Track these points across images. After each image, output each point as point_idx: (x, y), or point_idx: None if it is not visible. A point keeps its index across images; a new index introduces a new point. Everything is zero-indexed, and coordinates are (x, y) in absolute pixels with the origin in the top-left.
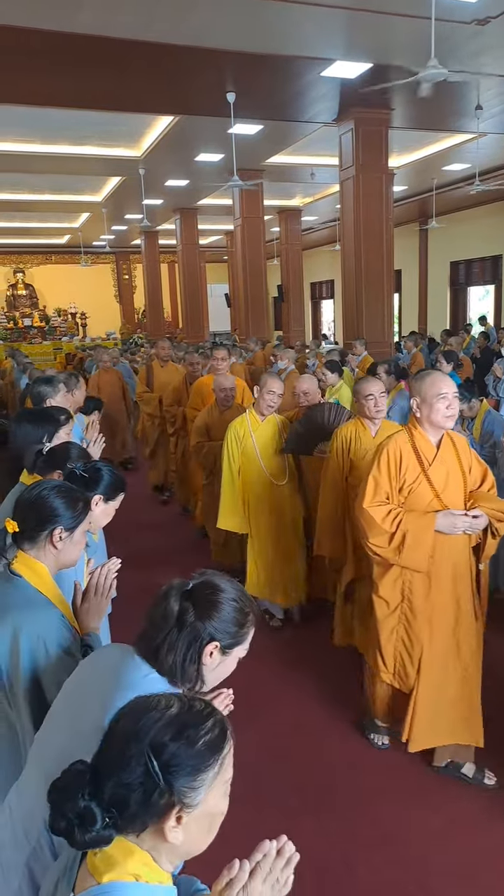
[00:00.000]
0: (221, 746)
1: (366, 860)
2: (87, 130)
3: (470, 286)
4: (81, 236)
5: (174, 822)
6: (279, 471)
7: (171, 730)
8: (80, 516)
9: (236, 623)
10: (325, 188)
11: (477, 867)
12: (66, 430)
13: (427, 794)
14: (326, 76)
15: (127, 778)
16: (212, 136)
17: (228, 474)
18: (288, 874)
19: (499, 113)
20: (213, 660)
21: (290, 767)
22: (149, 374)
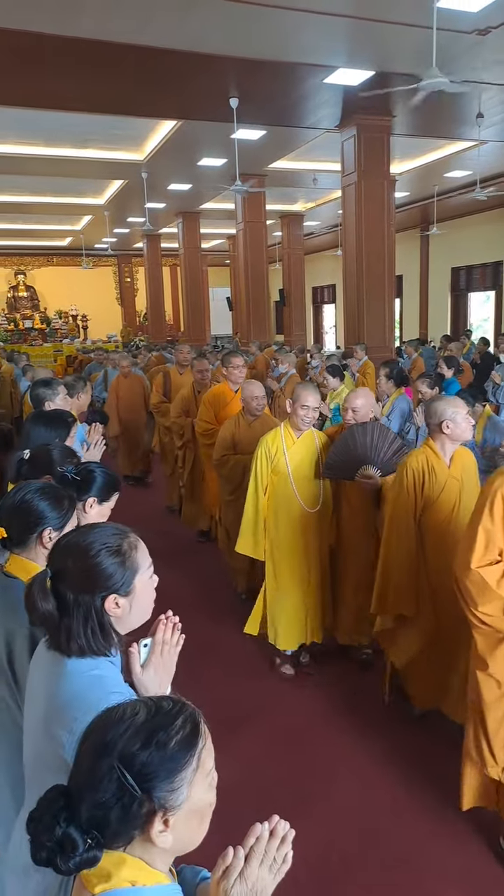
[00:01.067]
0: (195, 742)
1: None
2: (89, 133)
3: (471, 292)
4: (83, 239)
5: (161, 827)
6: (312, 496)
7: (140, 738)
8: (67, 515)
9: (118, 565)
10: (327, 193)
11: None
12: (71, 434)
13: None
14: (329, 83)
15: (102, 797)
16: (215, 140)
17: (253, 493)
18: (285, 852)
19: (499, 121)
20: (121, 607)
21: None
22: (166, 382)
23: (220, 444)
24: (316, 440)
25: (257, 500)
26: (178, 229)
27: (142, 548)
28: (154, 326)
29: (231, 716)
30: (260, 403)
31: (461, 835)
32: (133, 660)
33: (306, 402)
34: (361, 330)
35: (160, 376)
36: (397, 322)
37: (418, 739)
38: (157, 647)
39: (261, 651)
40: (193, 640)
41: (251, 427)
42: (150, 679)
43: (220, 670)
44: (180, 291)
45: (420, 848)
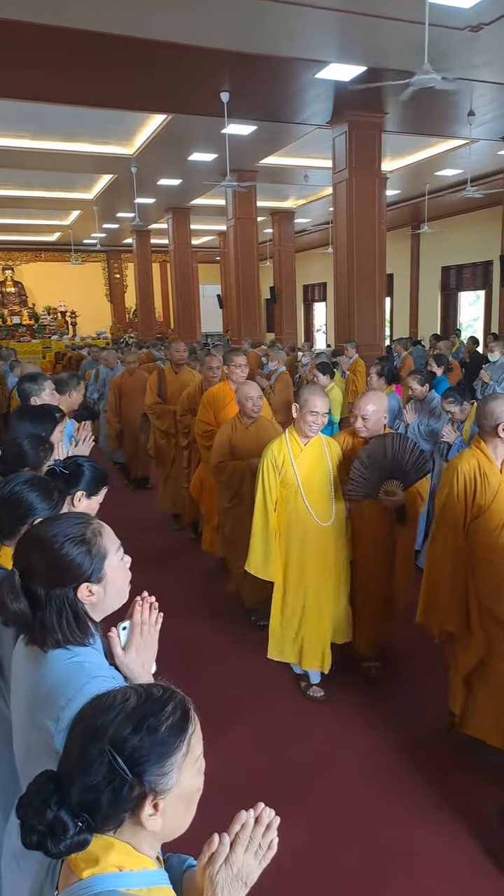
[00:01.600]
0: (185, 727)
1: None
2: (79, 127)
3: (461, 291)
4: (72, 234)
5: (151, 810)
6: (325, 509)
7: (131, 723)
8: (58, 506)
9: (84, 553)
10: (318, 190)
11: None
12: (59, 428)
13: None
14: (321, 78)
15: (92, 780)
16: (205, 135)
17: (262, 508)
18: (270, 839)
19: (491, 119)
20: (95, 593)
21: None
22: (160, 382)
23: (217, 449)
24: (325, 447)
25: (266, 515)
26: (168, 225)
27: (107, 532)
28: (144, 323)
29: (224, 710)
30: (256, 405)
31: (453, 832)
32: (114, 643)
33: (315, 408)
34: (352, 328)
35: (154, 375)
36: (387, 321)
37: (412, 736)
38: (136, 628)
39: (256, 651)
40: (193, 644)
41: (248, 431)
42: (132, 660)
43: (218, 669)
44: (170, 288)
45: (410, 843)
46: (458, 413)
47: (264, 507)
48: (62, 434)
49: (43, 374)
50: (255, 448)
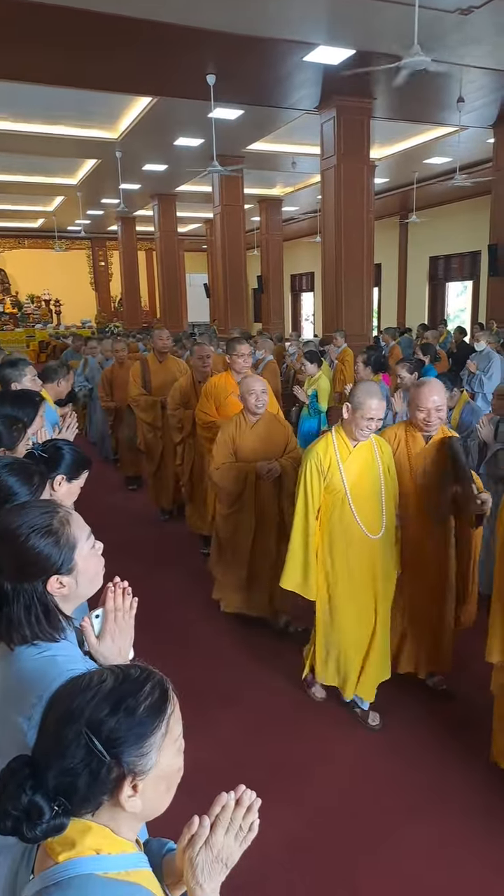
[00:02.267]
0: (164, 708)
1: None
2: (61, 109)
3: (448, 282)
4: (56, 220)
5: (130, 792)
6: (375, 519)
7: (108, 704)
8: (38, 490)
9: (52, 545)
10: (306, 178)
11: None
12: (39, 413)
13: None
14: (309, 61)
15: (69, 763)
16: (191, 119)
17: (303, 518)
18: (251, 821)
19: (480, 106)
20: (66, 585)
21: None
22: (144, 372)
23: (220, 449)
24: (376, 450)
25: (307, 525)
26: (153, 212)
27: (75, 520)
28: (129, 312)
29: (216, 699)
30: (260, 400)
31: (444, 816)
32: (87, 632)
33: (370, 413)
34: (339, 318)
35: (137, 365)
36: (375, 311)
37: (403, 722)
38: (110, 615)
39: (246, 640)
40: (181, 632)
41: (253, 429)
42: (108, 648)
43: (205, 656)
44: (156, 277)
45: (401, 830)
46: (447, 400)
47: (305, 516)
48: (43, 419)
49: (24, 359)
50: (262, 448)
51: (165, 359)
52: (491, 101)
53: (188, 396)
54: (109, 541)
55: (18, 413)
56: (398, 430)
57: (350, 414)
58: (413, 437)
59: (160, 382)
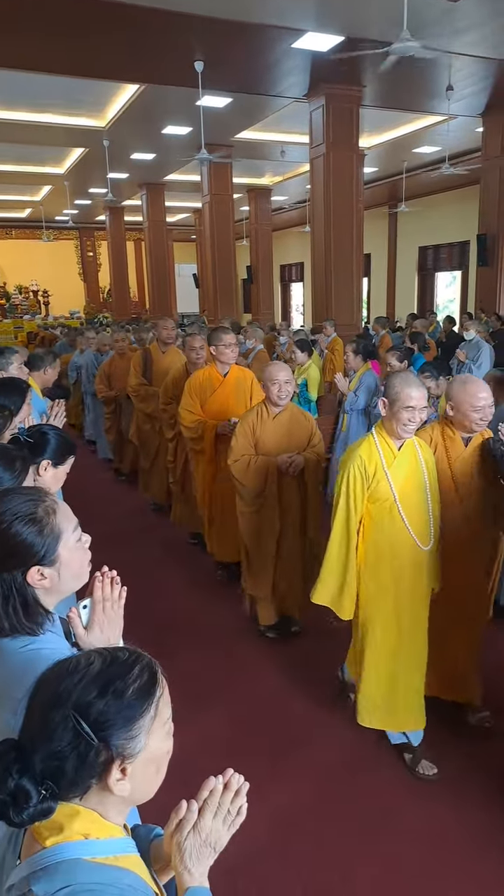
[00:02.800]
0: (153, 690)
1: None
2: (48, 97)
3: (437, 272)
4: (43, 210)
5: (119, 775)
6: (424, 528)
7: (96, 687)
8: (21, 476)
9: (35, 533)
10: (295, 167)
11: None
12: (26, 401)
13: None
14: (297, 48)
15: (56, 746)
16: (179, 107)
17: (343, 528)
18: (239, 804)
19: (469, 95)
20: (48, 577)
21: None
22: (146, 362)
23: (240, 441)
24: (418, 451)
25: (348, 537)
26: (142, 201)
27: (62, 510)
28: (118, 303)
29: (208, 687)
30: (283, 390)
31: (438, 800)
32: (74, 623)
33: (410, 402)
34: (329, 308)
35: (138, 355)
36: (365, 301)
37: None
38: (98, 605)
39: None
40: (173, 621)
41: (276, 420)
42: (96, 639)
43: (197, 645)
44: (145, 267)
45: (394, 813)
46: (434, 388)
47: (346, 527)
48: (29, 407)
49: (10, 347)
50: (285, 442)
51: (168, 350)
52: (480, 89)
53: (180, 390)
54: (99, 532)
55: (5, 401)
56: (432, 432)
57: (388, 409)
58: (451, 440)
59: (161, 373)
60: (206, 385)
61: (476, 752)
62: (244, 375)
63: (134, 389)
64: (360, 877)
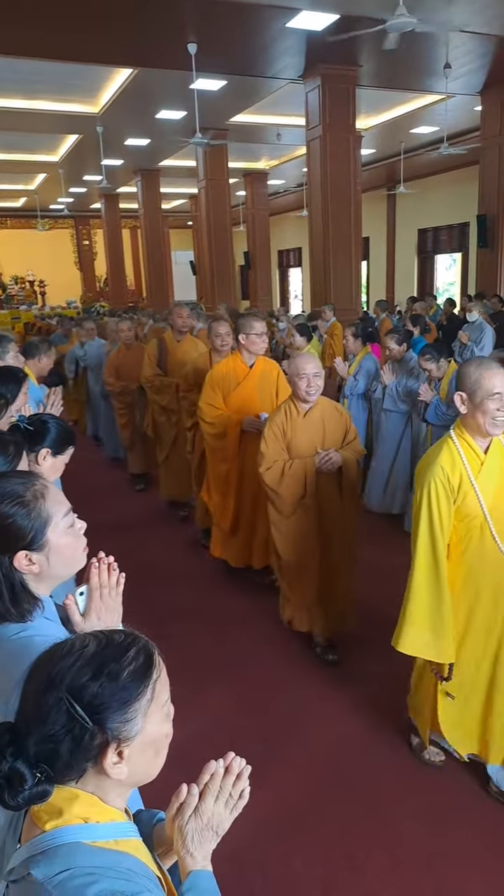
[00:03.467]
0: (149, 673)
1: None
2: (40, 83)
3: (437, 254)
4: (38, 199)
5: (116, 758)
6: None
7: (90, 669)
8: (14, 460)
9: (23, 517)
10: (291, 150)
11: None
12: (22, 390)
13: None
14: (292, 27)
15: (50, 729)
16: (173, 91)
17: (429, 559)
18: (241, 788)
19: (467, 73)
20: (36, 563)
21: None
22: (161, 352)
23: (271, 446)
24: None
25: (437, 566)
26: (137, 188)
27: (52, 495)
28: (115, 291)
29: (211, 672)
30: (312, 385)
31: (436, 780)
32: (71, 610)
33: (497, 388)
34: (328, 292)
35: (153, 344)
36: (364, 285)
37: (390, 689)
38: (95, 592)
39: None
40: (175, 606)
41: (307, 418)
42: (93, 626)
43: (203, 630)
44: (141, 255)
45: (397, 795)
46: (435, 371)
47: (433, 554)
48: (26, 395)
49: (7, 336)
50: (320, 440)
51: (183, 338)
52: (478, 66)
53: (203, 378)
54: (101, 521)
55: (1, 389)
56: None
57: (468, 403)
58: None
59: (177, 363)
60: (230, 377)
61: None
62: (270, 367)
63: (148, 380)
64: (366, 859)
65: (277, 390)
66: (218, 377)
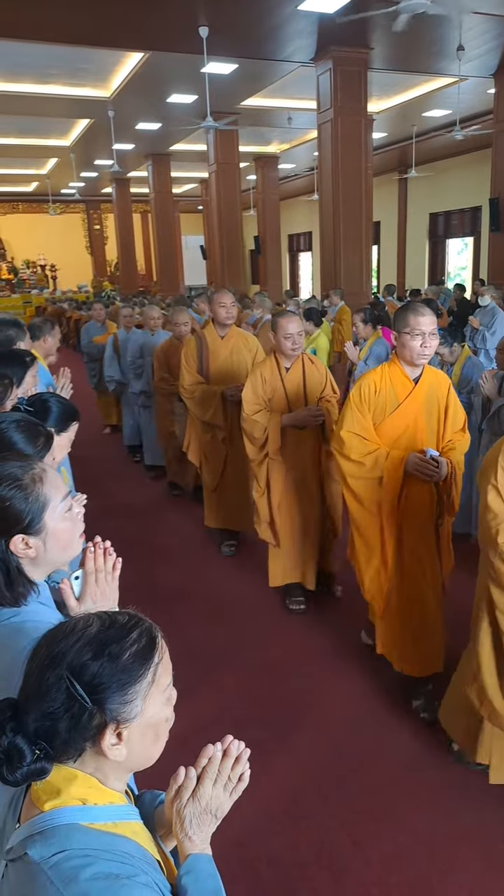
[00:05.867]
0: (150, 656)
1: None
2: (52, 68)
3: (449, 238)
4: (49, 183)
5: (115, 740)
6: None
7: (91, 649)
8: (42, 452)
9: (20, 499)
10: (302, 134)
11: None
12: (31, 373)
13: None
14: (303, 10)
15: (49, 707)
16: (184, 75)
17: None
18: (240, 771)
19: (480, 55)
20: (32, 547)
21: None
22: (202, 353)
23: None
24: None
25: None
26: (148, 172)
27: (51, 478)
28: (125, 276)
29: (213, 658)
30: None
31: (443, 764)
32: (66, 595)
33: None
34: (338, 276)
35: (192, 344)
36: (375, 270)
37: (398, 678)
38: (90, 576)
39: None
40: (179, 592)
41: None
42: (88, 611)
43: (206, 615)
44: (152, 239)
45: (402, 780)
46: (447, 355)
47: None
48: (35, 379)
49: (16, 319)
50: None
51: (227, 332)
52: (491, 48)
53: (273, 388)
54: (105, 506)
55: (5, 370)
56: None
57: None
58: None
59: (223, 367)
60: (386, 394)
61: None
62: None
63: (188, 391)
64: (372, 845)
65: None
66: (368, 393)
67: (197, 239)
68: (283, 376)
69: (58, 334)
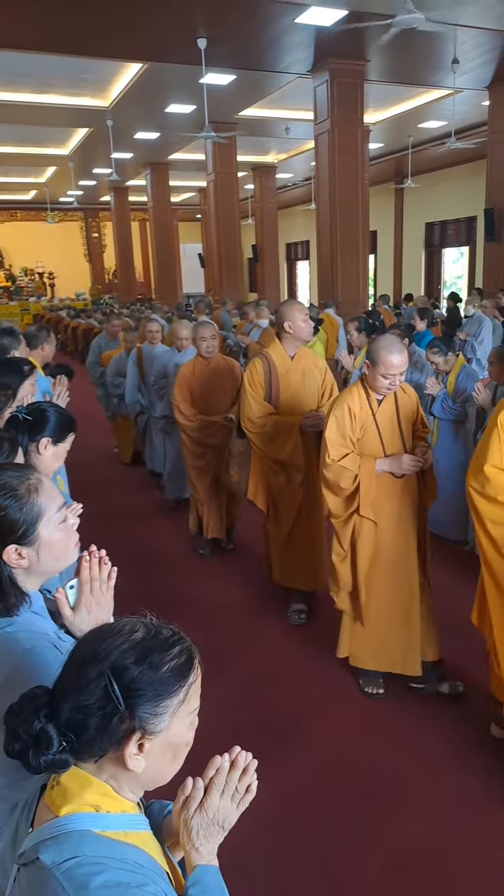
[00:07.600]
0: (187, 674)
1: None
2: (51, 77)
3: (444, 248)
4: (48, 192)
5: (136, 750)
6: None
7: (134, 654)
8: (9, 457)
9: (15, 510)
10: (299, 144)
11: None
12: (29, 382)
13: None
14: (301, 23)
15: (85, 700)
16: (183, 85)
17: None
18: (248, 782)
19: (475, 68)
20: (26, 557)
21: None
22: (271, 377)
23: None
24: None
25: None
26: (146, 181)
27: (46, 489)
28: (123, 284)
29: (209, 663)
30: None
31: (442, 769)
32: (61, 604)
33: None
34: (335, 286)
35: (259, 365)
36: (371, 279)
37: (397, 684)
38: (85, 585)
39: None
40: (180, 599)
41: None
42: (83, 620)
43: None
44: (150, 247)
45: (401, 788)
46: (442, 364)
47: None
48: (34, 387)
49: (13, 328)
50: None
51: (298, 350)
52: (486, 61)
53: (363, 429)
54: (102, 513)
55: (6, 380)
56: None
57: None
58: None
59: (295, 392)
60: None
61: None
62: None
63: (257, 424)
64: (370, 855)
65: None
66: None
67: (195, 247)
68: (375, 410)
69: (54, 342)
